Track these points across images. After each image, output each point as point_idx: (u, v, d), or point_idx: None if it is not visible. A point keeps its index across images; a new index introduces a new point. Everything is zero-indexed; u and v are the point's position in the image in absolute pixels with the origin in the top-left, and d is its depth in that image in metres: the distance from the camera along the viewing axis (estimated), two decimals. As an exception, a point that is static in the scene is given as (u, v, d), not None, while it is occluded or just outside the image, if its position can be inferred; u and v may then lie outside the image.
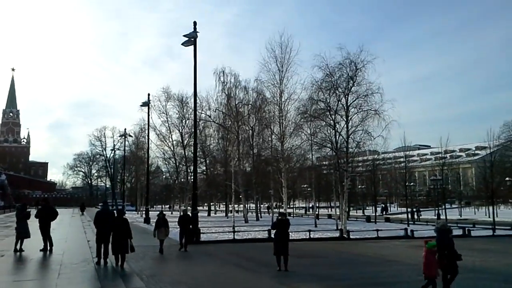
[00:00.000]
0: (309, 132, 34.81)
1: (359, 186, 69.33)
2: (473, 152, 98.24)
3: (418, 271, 14.29)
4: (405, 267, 15.31)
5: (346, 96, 30.19)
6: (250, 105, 44.97)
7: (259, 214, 50.56)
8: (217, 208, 78.29)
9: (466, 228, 29.27)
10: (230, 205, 54.74)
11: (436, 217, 48.39)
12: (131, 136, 62.46)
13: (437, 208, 50.97)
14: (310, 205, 71.31)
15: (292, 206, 74.13)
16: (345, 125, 30.39)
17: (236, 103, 44.55)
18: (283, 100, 35.84)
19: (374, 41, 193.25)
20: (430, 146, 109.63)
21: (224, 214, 63.43)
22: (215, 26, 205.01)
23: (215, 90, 46.80)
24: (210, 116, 48.43)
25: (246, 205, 49.77)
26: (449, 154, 60.13)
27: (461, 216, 52.66)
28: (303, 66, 67.97)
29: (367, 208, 73.82)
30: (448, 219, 38.23)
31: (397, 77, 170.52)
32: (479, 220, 43.37)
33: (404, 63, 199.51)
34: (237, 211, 56.47)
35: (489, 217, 42.68)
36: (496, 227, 31.31)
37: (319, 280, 12.75)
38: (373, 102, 29.34)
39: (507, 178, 49.62)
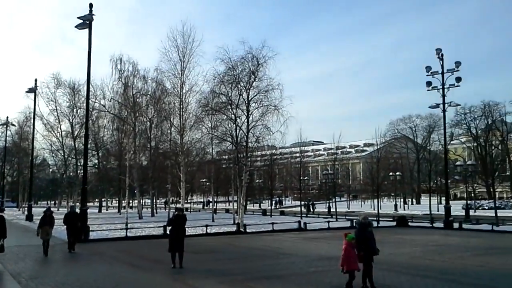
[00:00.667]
0: (210, 125, 34.41)
1: (257, 180, 70.73)
2: (361, 148, 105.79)
3: (310, 263, 14.79)
4: (298, 259, 15.65)
5: (248, 91, 30.42)
6: (148, 96, 43.28)
7: (154, 210, 49.16)
8: (110, 204, 74.84)
9: (354, 220, 30.98)
10: (123, 201, 52.51)
11: (327, 210, 50.97)
12: (14, 125, 57.12)
13: (328, 201, 53.75)
14: (209, 200, 71.19)
15: (190, 201, 73.36)
16: (246, 120, 30.64)
17: (134, 93, 42.69)
18: (184, 91, 34.96)
19: (275, 38, 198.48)
20: (323, 142, 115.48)
21: (116, 210, 60.68)
22: (115, 11, 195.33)
23: (111, 78, 44.19)
24: (104, 106, 45.80)
25: (141, 201, 48.09)
26: (340, 150, 64.01)
27: (349, 209, 56.11)
28: (206, 58, 67.54)
29: (264, 201, 75.65)
30: (338, 211, 40.40)
31: (295, 75, 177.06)
32: (365, 212, 46.46)
33: (302, 62, 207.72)
34: (131, 207, 54.42)
35: (374, 209, 45.97)
36: (380, 218, 33.66)
37: (215, 275, 12.52)
38: (273, 98, 29.91)
39: (390, 173, 54.04)
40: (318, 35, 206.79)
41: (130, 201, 52.17)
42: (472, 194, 54.87)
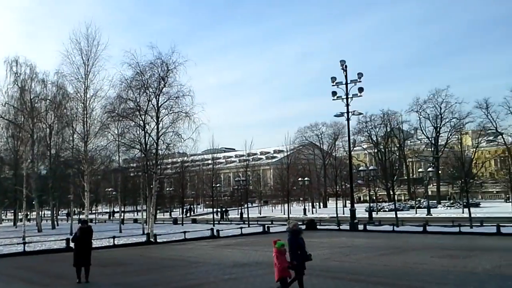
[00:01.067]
0: (116, 132, 32.85)
1: (167, 189, 69.11)
2: (271, 155, 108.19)
3: (224, 270, 14.53)
4: (212, 267, 15.33)
5: (157, 97, 29.52)
6: (48, 100, 40.40)
7: (56, 222, 45.83)
8: (4, 217, 68.56)
9: (266, 225, 31.38)
10: (20, 213, 48.36)
11: (239, 216, 51.11)
12: None
13: (240, 208, 54.01)
14: (115, 210, 68.12)
15: (95, 211, 69.59)
16: (156, 126, 29.69)
17: (32, 97, 39.69)
18: (88, 96, 33.07)
19: (183, 45, 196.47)
20: (235, 149, 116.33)
21: (12, 223, 55.69)
22: (7, 11, 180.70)
23: (5, 81, 40.80)
24: (-3, 111, 41.87)
25: (40, 213, 44.58)
26: (251, 157, 64.70)
27: (260, 214, 56.86)
28: (112, 62, 64.89)
29: (174, 210, 74.06)
30: (250, 217, 40.71)
31: (206, 82, 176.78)
32: (276, 217, 47.42)
33: (212, 69, 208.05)
34: (29, 220, 50.28)
35: (284, 213, 47.01)
36: (290, 223, 34.43)
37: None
38: (184, 104, 29.31)
39: (300, 179, 55.72)
40: (227, 43, 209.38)
41: (28, 213, 48.11)
42: (374, 197, 58.38)
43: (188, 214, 47.56)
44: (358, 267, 14.50)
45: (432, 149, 72.46)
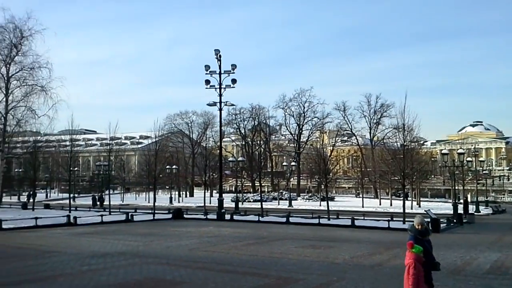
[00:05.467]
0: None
1: (16, 170, 62.27)
2: (137, 140, 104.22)
3: (82, 261, 13.23)
4: (68, 258, 13.94)
5: (8, 66, 26.45)
6: None
7: None
8: None
9: (130, 214, 29.88)
10: None
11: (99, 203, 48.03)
12: None
13: (99, 194, 50.91)
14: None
15: None
16: (5, 99, 26.41)
17: None
18: None
19: (42, 12, 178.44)
20: (96, 131, 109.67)
21: None
22: None
23: None
24: None
25: None
26: (115, 141, 61.23)
27: (123, 202, 54.34)
28: None
29: (23, 194, 66.99)
30: (112, 204, 38.50)
31: (66, 56, 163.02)
32: (140, 205, 45.70)
33: (74, 43, 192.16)
34: None
35: (149, 202, 45.49)
36: (156, 211, 33.34)
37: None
38: (40, 77, 26.69)
39: (167, 166, 54.50)
40: (91, 18, 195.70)
41: None
42: (239, 188, 59.81)
43: (31, 199, 42.83)
44: (227, 257, 14.40)
45: (295, 145, 76.81)
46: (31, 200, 43.19)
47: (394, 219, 27.18)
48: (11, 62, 26.43)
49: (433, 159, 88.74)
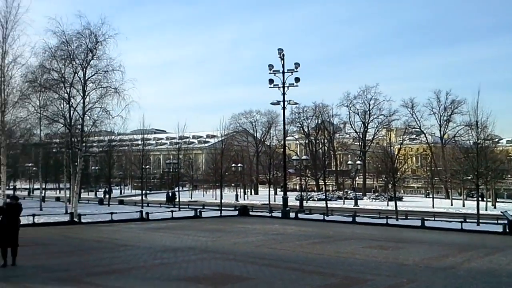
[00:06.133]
0: (38, 104, 30.51)
1: (93, 167, 66.19)
2: (204, 139, 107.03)
3: (154, 255, 13.84)
4: (141, 251, 14.59)
5: (84, 69, 27.88)
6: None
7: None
8: None
9: (198, 210, 30.77)
10: None
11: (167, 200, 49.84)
12: None
13: (169, 191, 52.82)
14: (36, 187, 64.13)
15: (12, 187, 65.07)
16: (82, 101, 28.05)
17: None
18: (6, 62, 30.42)
19: (114, 18, 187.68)
20: (165, 131, 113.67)
21: None
22: None
23: None
24: None
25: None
26: (183, 140, 63.38)
27: (191, 198, 56.06)
28: (35, 27, 60.27)
29: (100, 190, 71.12)
30: (181, 201, 39.86)
31: (137, 59, 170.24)
32: (207, 202, 46.87)
33: (144, 47, 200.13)
34: None
35: (216, 199, 46.55)
36: (222, 208, 34.06)
37: (44, 271, 10.88)
38: (113, 80, 27.92)
39: (233, 165, 55.50)
40: (159, 22, 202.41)
41: None
42: (303, 186, 59.64)
43: (107, 196, 45.50)
44: (293, 255, 14.41)
45: (360, 143, 75.20)
46: (108, 196, 45.86)
47: (467, 220, 25.90)
48: (87, 66, 27.94)
49: (509, 157, 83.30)
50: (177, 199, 41.36)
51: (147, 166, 59.81)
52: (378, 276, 11.04)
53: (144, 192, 47.61)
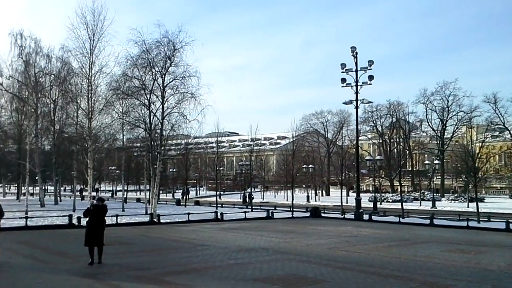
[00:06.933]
0: (121, 110, 32.50)
1: (170, 170, 69.01)
2: (275, 141, 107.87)
3: (229, 255, 14.22)
4: (217, 251, 15.03)
5: (163, 76, 29.24)
6: (53, 76, 40.04)
7: (58, 198, 45.71)
8: (7, 190, 68.53)
9: (270, 211, 31.08)
10: (23, 187, 48.30)
11: (241, 200, 50.84)
12: None
13: (243, 192, 53.81)
14: (118, 189, 68.10)
15: (97, 189, 69.62)
16: (161, 106, 29.46)
17: (36, 71, 39.36)
18: (93, 72, 32.56)
19: (189, 26, 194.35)
20: (238, 133, 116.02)
21: (15, 197, 55.70)
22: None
23: (10, 54, 40.45)
24: (1, 84, 41.55)
25: (44, 188, 44.45)
26: (255, 142, 64.35)
27: (263, 199, 56.66)
28: (119, 38, 64.30)
29: (177, 191, 73.99)
30: (253, 201, 40.46)
31: (211, 64, 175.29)
32: (279, 203, 47.15)
33: (217, 52, 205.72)
34: (32, 194, 50.22)
35: (287, 200, 46.72)
36: (294, 209, 34.12)
37: (127, 270, 11.52)
38: (190, 85, 29.05)
39: (304, 166, 55.33)
40: (231, 27, 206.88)
41: (31, 188, 48.06)
42: (376, 188, 58.09)
43: (186, 197, 47.33)
44: (368, 258, 14.13)
45: (438, 142, 71.77)
46: (186, 197, 47.70)
47: (559, 223, 23.90)
48: (165, 73, 29.28)
49: None
50: (254, 200, 41.88)
51: (221, 168, 61.38)
52: (460, 282, 10.58)
53: (218, 193, 48.84)
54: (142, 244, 17.32)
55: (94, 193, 31.74)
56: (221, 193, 64.00)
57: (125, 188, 49.39)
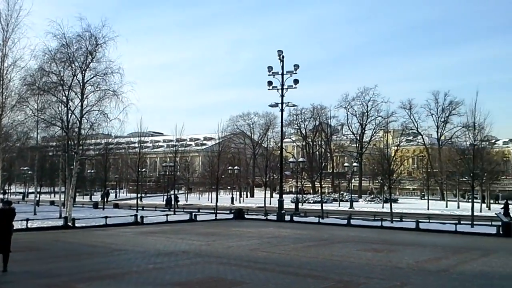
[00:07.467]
0: (36, 107, 30.38)
1: (89, 171, 65.97)
2: (201, 142, 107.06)
3: (148, 259, 13.77)
4: (135, 256, 14.53)
5: (83, 72, 27.77)
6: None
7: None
8: None
9: (193, 213, 30.70)
10: None
11: (165, 203, 49.78)
12: None
13: (166, 194, 52.73)
14: (31, 191, 63.93)
15: (7, 191, 64.77)
16: (80, 103, 27.93)
17: None
18: (5, 65, 30.19)
19: (112, 21, 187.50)
20: (163, 133, 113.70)
21: None
22: None
23: None
24: None
25: None
26: (180, 143, 63.41)
27: (187, 202, 55.94)
28: (36, 30, 60.12)
29: (95, 194, 70.89)
30: (179, 204, 39.80)
31: (135, 61, 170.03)
32: (203, 205, 46.83)
33: (141, 49, 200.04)
34: None
35: (212, 202, 46.49)
36: (218, 211, 33.97)
37: (35, 277, 10.81)
38: (112, 82, 27.80)
39: (229, 167, 55.44)
40: (158, 25, 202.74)
41: None
42: (300, 189, 59.64)
43: (104, 199, 45.60)
44: (287, 259, 14.38)
45: (357, 145, 75.31)
46: (105, 199, 45.72)
47: (461, 222, 25.95)
48: (86, 68, 27.82)
49: (505, 159, 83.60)
50: (179, 202, 41.06)
51: (143, 169, 59.66)
52: (372, 280, 11.05)
53: (139, 195, 47.42)
54: (54, 250, 16.33)
55: (1, 196, 29.39)
56: (143, 195, 62.34)
57: (38, 190, 46.37)
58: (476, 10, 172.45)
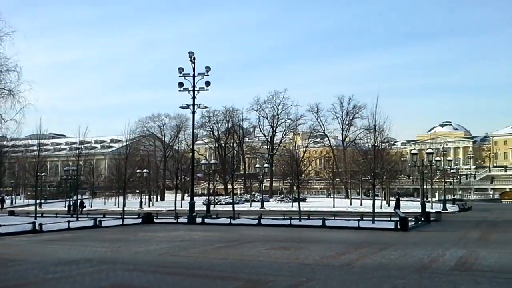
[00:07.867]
0: None
1: (-20, 176, 60.33)
2: (108, 144, 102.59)
3: (47, 269, 12.80)
4: (32, 266, 13.44)
5: (-27, 69, 25.34)
6: None
7: None
8: None
9: (98, 219, 29.19)
10: None
11: (66, 209, 47.01)
12: None
13: (68, 199, 49.78)
14: None
15: None
16: (-32, 103, 25.44)
17: None
18: None
19: (12, 16, 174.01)
20: (65, 135, 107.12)
21: None
22: None
23: None
24: None
25: None
26: (84, 145, 60.11)
27: (91, 207, 53.23)
28: None
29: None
30: (83, 210, 37.65)
31: (34, 59, 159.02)
32: (109, 210, 44.76)
33: (44, 46, 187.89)
34: None
35: (118, 206, 44.69)
36: (125, 216, 32.65)
37: None
38: (8, 81, 25.91)
39: (138, 170, 53.74)
40: (60, 22, 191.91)
41: None
42: (212, 191, 59.55)
43: (0, 206, 41.89)
44: (197, 261, 14.19)
45: (268, 147, 76.99)
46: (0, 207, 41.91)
47: (364, 218, 27.49)
48: (-23, 65, 25.42)
49: (403, 159, 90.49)
50: (86, 207, 38.85)
51: (43, 174, 55.75)
52: (280, 277, 11.23)
53: (38, 201, 44.19)
54: None
55: None
56: (43, 201, 58.28)
57: None
58: (380, 21, 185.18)
